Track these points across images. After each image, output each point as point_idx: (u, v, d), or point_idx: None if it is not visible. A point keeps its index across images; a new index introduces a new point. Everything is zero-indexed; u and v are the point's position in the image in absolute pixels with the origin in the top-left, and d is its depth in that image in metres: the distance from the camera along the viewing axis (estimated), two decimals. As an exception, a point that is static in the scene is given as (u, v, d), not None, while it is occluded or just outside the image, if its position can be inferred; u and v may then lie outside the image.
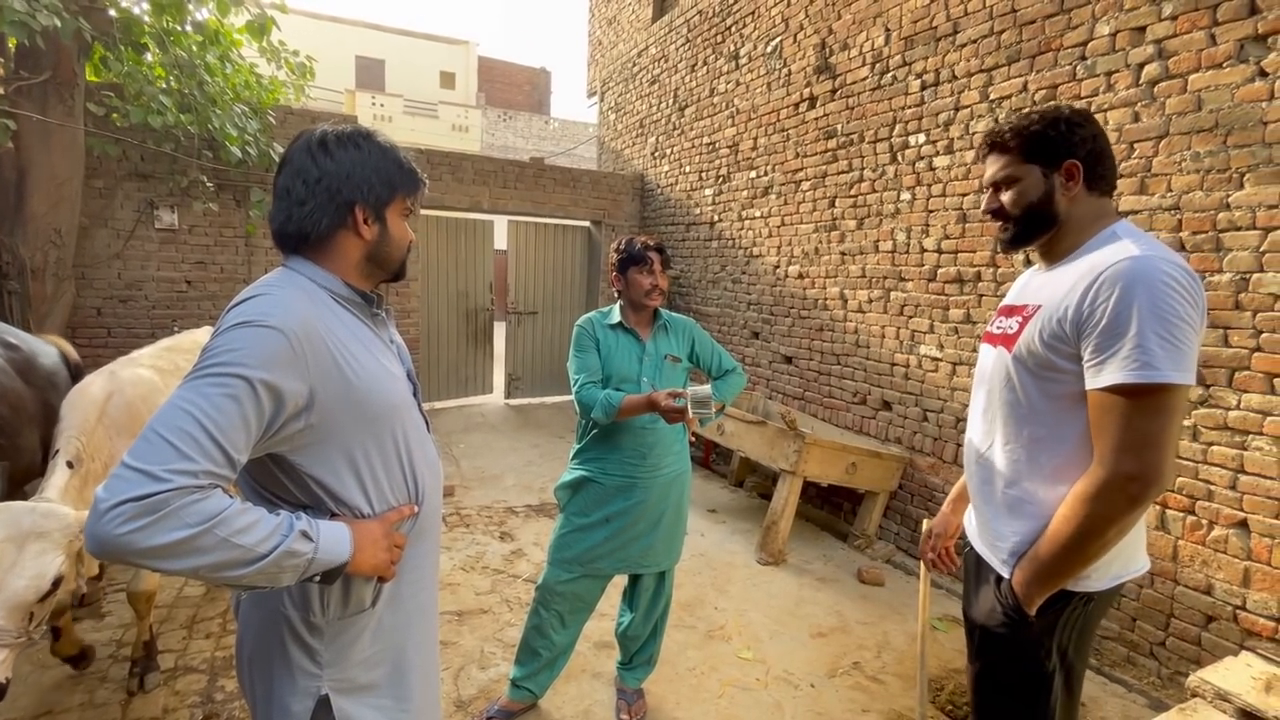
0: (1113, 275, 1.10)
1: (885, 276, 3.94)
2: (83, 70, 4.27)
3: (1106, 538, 1.13)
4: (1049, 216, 1.27)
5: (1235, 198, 2.40)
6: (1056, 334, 1.18)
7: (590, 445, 2.17)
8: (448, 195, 6.18)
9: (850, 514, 4.14)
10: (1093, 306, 1.12)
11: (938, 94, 3.57)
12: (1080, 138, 1.24)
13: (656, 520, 2.17)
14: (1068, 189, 1.25)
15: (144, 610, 2.29)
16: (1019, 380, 1.25)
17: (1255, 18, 2.34)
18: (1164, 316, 1.06)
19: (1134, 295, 1.08)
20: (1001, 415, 1.30)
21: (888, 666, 2.69)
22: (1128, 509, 1.11)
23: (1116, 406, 1.10)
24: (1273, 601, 2.28)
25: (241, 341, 0.87)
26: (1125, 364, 1.07)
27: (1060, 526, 1.16)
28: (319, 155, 1.02)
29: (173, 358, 2.49)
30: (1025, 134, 1.27)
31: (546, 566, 2.20)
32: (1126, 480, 1.09)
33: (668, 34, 6.36)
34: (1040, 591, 1.20)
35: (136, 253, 5.02)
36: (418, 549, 1.14)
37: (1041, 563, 1.19)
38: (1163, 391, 1.07)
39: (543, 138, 21.05)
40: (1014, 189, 1.29)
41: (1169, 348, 1.06)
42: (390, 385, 1.06)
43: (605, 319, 2.21)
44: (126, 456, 0.78)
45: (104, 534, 0.75)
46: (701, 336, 2.33)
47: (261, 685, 1.05)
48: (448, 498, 4.41)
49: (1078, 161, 1.23)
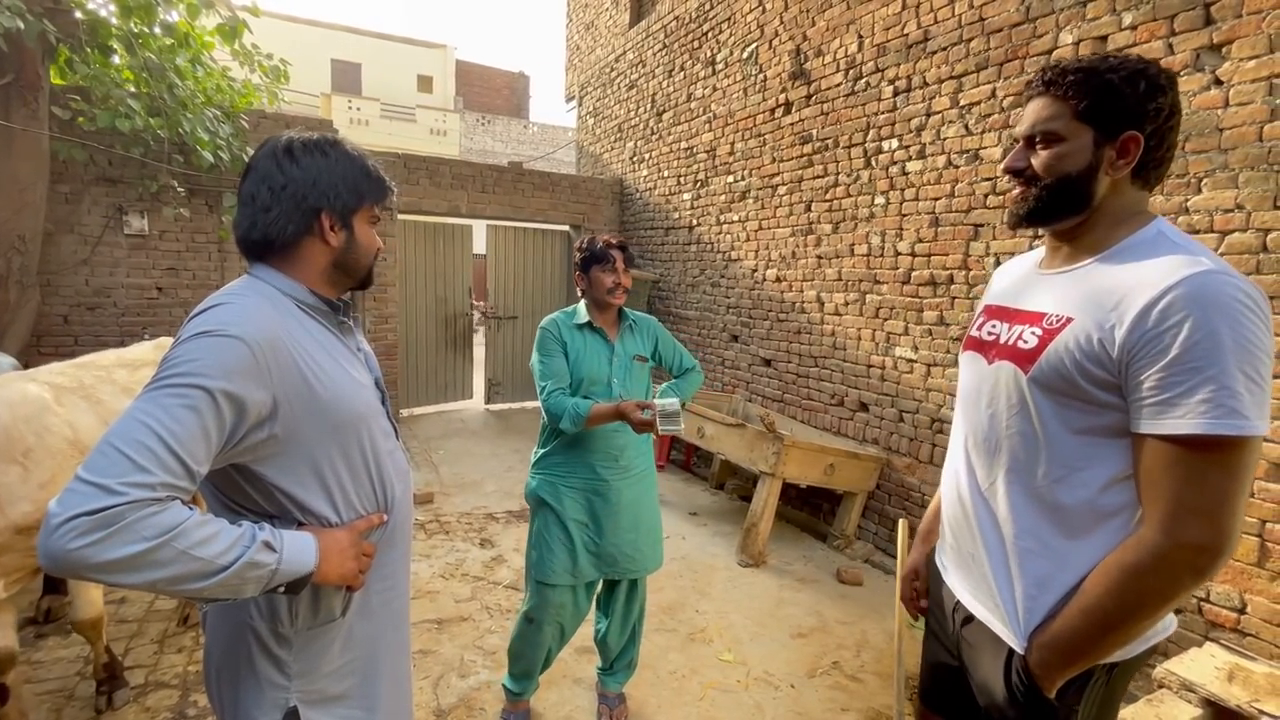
0: (1187, 294, 0.87)
1: (861, 280, 4.00)
2: (47, 73, 4.18)
3: (1157, 616, 0.93)
4: (1082, 196, 1.01)
5: (1194, 202, 2.47)
6: (1096, 356, 0.94)
7: (559, 450, 2.12)
8: (426, 200, 6.14)
9: (829, 515, 4.19)
10: (1159, 331, 0.88)
11: (910, 100, 3.64)
12: (1156, 108, 0.97)
13: (636, 520, 2.16)
14: (1115, 168, 0.99)
15: (93, 636, 2.20)
16: (1037, 407, 1.02)
17: (1210, 28, 2.42)
18: (1250, 350, 0.86)
19: (1217, 323, 0.86)
20: (1009, 448, 1.07)
21: (866, 665, 2.72)
22: (1192, 584, 0.90)
23: (1185, 461, 0.88)
24: (1235, 594, 2.35)
25: (201, 351, 0.86)
26: (1205, 409, 0.86)
27: (1096, 601, 0.94)
28: (284, 162, 1.02)
29: (79, 374, 2.21)
30: (1094, 84, 0.99)
31: (534, 586, 2.14)
32: (1195, 552, 0.88)
33: (645, 39, 6.40)
34: (1064, 674, 0.99)
35: (105, 259, 4.92)
36: (388, 557, 1.13)
37: (1069, 642, 0.97)
38: (1242, 445, 0.87)
39: (521, 142, 21.01)
40: (1052, 150, 1.02)
41: (1255, 390, 0.86)
42: (357, 393, 1.06)
43: (572, 319, 2.16)
44: (80, 469, 0.77)
45: (56, 549, 0.73)
46: (664, 335, 2.32)
47: (229, 698, 1.04)
48: (427, 504, 4.37)
49: (1139, 135, 0.97)
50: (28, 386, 1.95)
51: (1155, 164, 1.00)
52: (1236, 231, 2.36)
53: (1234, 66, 2.35)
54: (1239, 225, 2.35)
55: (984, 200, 3.26)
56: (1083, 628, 0.95)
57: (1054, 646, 0.98)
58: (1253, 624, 2.30)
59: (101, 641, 2.22)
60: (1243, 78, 2.33)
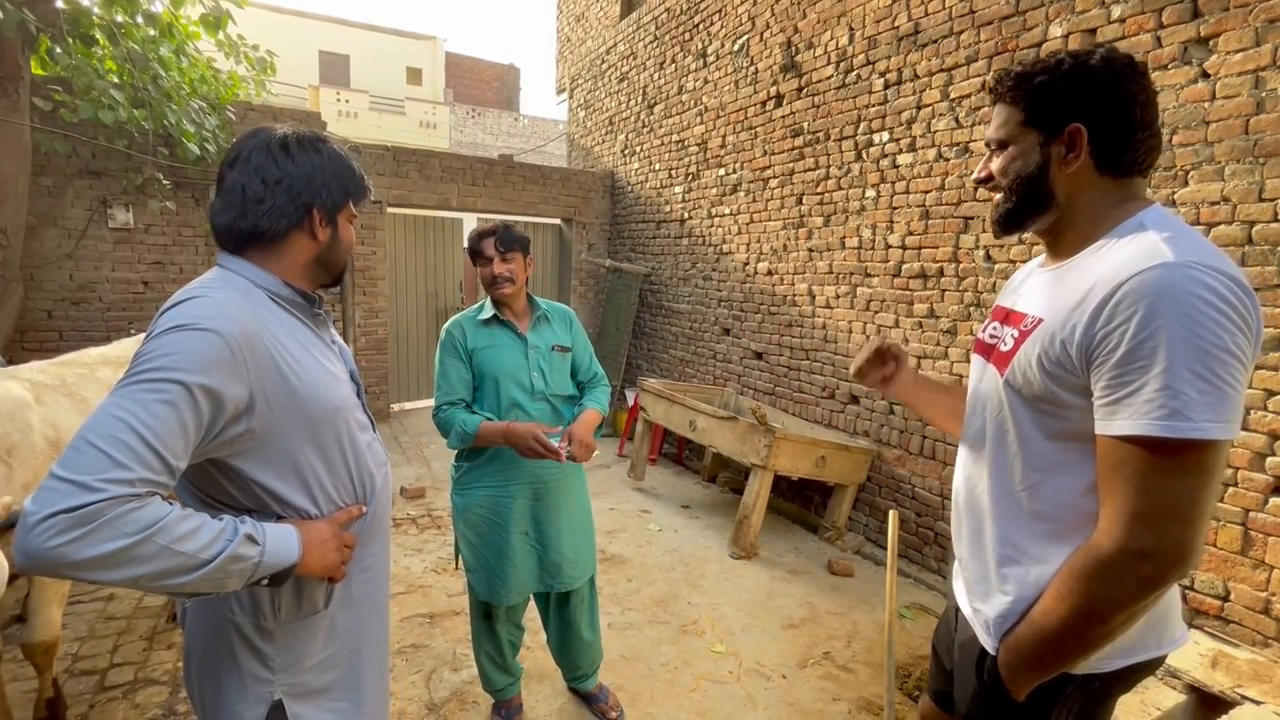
0: (1136, 288, 0.83)
1: (852, 273, 4.01)
2: (28, 64, 4.11)
3: (1110, 625, 0.89)
4: (1043, 195, 1.00)
5: (1181, 194, 2.49)
6: (1060, 360, 0.92)
7: (491, 455, 1.97)
8: (415, 193, 6.09)
9: (820, 507, 4.21)
10: (1108, 328, 0.85)
11: (900, 93, 3.64)
12: (1094, 96, 0.95)
13: (573, 522, 2.08)
14: (1066, 163, 0.97)
15: (44, 663, 1.99)
16: (1012, 411, 1.00)
17: (1198, 21, 2.43)
18: (1203, 347, 0.80)
19: (1163, 316, 0.81)
20: (991, 451, 1.06)
21: (857, 655, 2.74)
22: (1139, 593, 0.86)
23: (1132, 462, 0.85)
24: (1218, 581, 2.38)
25: (176, 346, 0.85)
26: (1148, 409, 0.82)
27: (1052, 605, 0.93)
28: (280, 156, 1.02)
29: (61, 372, 2.16)
30: (1027, 85, 0.99)
31: (477, 609, 2.07)
32: (1137, 559, 0.84)
33: (636, 31, 6.36)
34: (1029, 678, 0.98)
35: (89, 253, 4.86)
36: (369, 549, 1.14)
37: (1030, 646, 0.96)
38: (1196, 448, 0.81)
39: (512, 135, 20.87)
40: (1004, 153, 1.04)
41: (1207, 390, 0.80)
42: (333, 386, 1.05)
43: (477, 315, 2.02)
44: (55, 467, 0.75)
45: (33, 548, 0.72)
46: (579, 329, 2.17)
47: (210, 693, 1.03)
48: (419, 499, 4.36)
49: (1081, 126, 0.95)
50: (9, 385, 1.91)
51: (1121, 151, 0.96)
52: (1223, 224, 2.38)
53: (1221, 59, 2.37)
54: (1225, 218, 2.37)
55: (974, 193, 3.27)
56: (1041, 632, 0.94)
57: (1016, 649, 0.98)
58: (1236, 611, 2.34)
59: (50, 672, 2.04)
60: (1229, 71, 2.35)
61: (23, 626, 1.99)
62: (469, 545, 2.04)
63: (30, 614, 1.98)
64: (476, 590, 2.05)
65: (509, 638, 2.14)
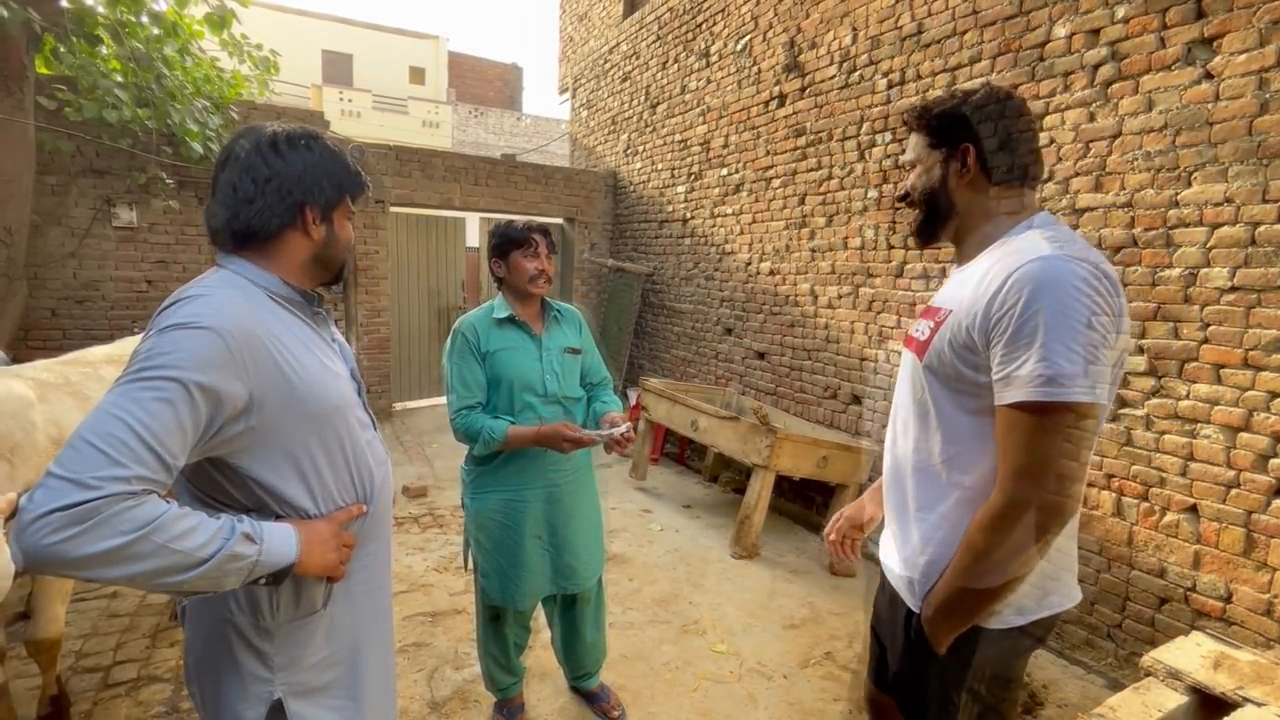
0: (1021, 277, 1.00)
1: (854, 273, 4.00)
2: (32, 63, 4.12)
3: (1009, 570, 1.03)
4: (946, 204, 1.20)
5: (1184, 195, 2.49)
6: (966, 343, 1.08)
7: (505, 459, 1.95)
8: (418, 192, 6.10)
9: (822, 507, 4.20)
10: (1000, 312, 1.02)
11: (903, 93, 3.63)
12: (978, 121, 1.16)
13: (584, 523, 2.08)
14: (961, 175, 1.17)
15: (47, 661, 2.00)
16: (930, 392, 1.16)
17: (1201, 21, 2.42)
18: (1073, 325, 0.96)
19: (1041, 300, 0.98)
20: (915, 429, 1.20)
21: (859, 656, 2.74)
22: (1028, 538, 1.00)
23: (1019, 425, 1.00)
24: (1221, 583, 2.38)
25: (174, 344, 0.85)
26: (1029, 379, 0.97)
27: (962, 557, 1.07)
28: (269, 155, 1.01)
29: (65, 371, 2.15)
30: (929, 116, 1.21)
31: (485, 612, 2.07)
32: (1023, 508, 1.00)
33: (639, 31, 6.36)
34: (948, 628, 1.10)
35: (93, 252, 4.87)
36: (369, 548, 1.14)
37: (945, 597, 1.09)
38: (1069, 410, 0.97)
39: (515, 134, 20.88)
40: (915, 171, 1.24)
41: (1078, 361, 0.96)
42: (333, 384, 1.05)
43: (491, 315, 1.97)
44: (53, 465, 0.76)
45: (31, 545, 0.72)
46: (588, 332, 2.15)
47: (210, 692, 1.03)
48: (421, 498, 4.37)
49: (969, 145, 1.16)
50: (12, 383, 1.91)
51: (1004, 165, 1.15)
52: (1226, 225, 2.37)
53: (1224, 60, 2.36)
54: (1228, 219, 2.37)
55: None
56: (954, 583, 1.08)
57: (934, 603, 1.12)
58: (1238, 613, 2.33)
59: (54, 670, 2.05)
60: (1233, 71, 2.34)
61: (27, 623, 2.00)
62: (482, 550, 2.03)
63: (34, 611, 1.99)
64: (489, 594, 2.04)
65: (516, 639, 2.14)
